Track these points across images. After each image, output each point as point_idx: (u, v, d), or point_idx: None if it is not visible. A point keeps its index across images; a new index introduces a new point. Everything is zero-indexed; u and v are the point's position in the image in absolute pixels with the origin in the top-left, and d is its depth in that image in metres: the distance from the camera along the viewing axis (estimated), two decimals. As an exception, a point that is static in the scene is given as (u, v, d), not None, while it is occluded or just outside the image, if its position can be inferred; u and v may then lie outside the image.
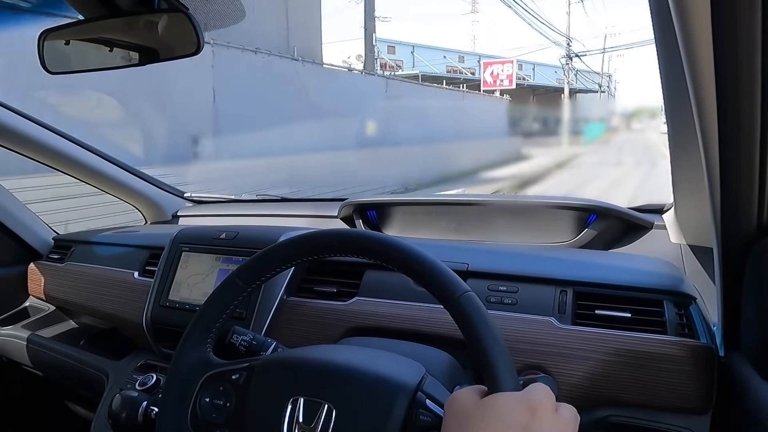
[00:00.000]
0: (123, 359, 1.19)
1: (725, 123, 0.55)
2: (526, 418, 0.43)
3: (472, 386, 0.49)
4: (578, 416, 0.47)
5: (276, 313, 0.96)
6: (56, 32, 0.83)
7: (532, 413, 0.43)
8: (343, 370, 0.60)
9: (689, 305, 0.81)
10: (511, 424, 0.43)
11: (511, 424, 0.43)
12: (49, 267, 1.40)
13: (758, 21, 0.46)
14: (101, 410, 1.08)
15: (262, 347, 0.71)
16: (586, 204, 1.16)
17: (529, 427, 0.42)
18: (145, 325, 1.07)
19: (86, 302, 1.26)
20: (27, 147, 1.35)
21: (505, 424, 0.43)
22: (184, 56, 0.79)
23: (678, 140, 0.88)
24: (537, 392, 0.45)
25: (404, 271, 0.57)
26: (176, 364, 0.64)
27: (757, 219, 0.62)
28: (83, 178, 1.52)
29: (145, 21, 0.78)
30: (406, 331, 0.87)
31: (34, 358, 1.33)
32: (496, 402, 0.45)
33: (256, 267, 0.64)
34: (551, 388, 0.48)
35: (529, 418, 0.43)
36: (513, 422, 0.43)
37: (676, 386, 0.73)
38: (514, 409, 0.44)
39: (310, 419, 0.57)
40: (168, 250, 1.12)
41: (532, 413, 0.43)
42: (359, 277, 0.98)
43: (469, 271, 0.91)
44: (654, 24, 0.68)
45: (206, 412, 0.62)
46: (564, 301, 0.84)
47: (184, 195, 1.79)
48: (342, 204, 1.37)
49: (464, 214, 1.29)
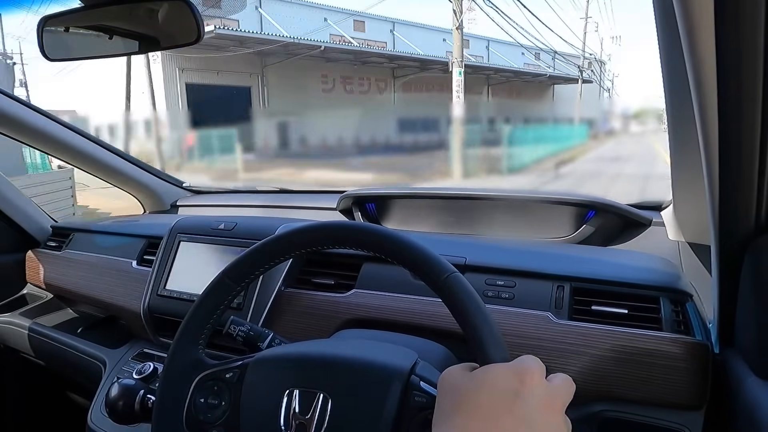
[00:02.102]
0: (120, 348, 1.19)
1: (725, 121, 0.55)
2: (515, 385, 0.44)
3: (462, 363, 0.50)
4: (572, 384, 0.48)
5: (274, 304, 0.96)
6: (56, 19, 0.83)
7: (521, 380, 0.44)
8: (337, 360, 0.60)
9: (686, 302, 0.81)
10: (501, 392, 0.43)
11: (501, 391, 0.44)
12: (47, 255, 1.40)
13: (761, 20, 0.46)
14: (98, 398, 1.09)
15: (260, 338, 0.71)
16: (585, 200, 1.16)
17: (519, 393, 0.43)
18: (143, 314, 1.07)
19: (84, 290, 1.26)
20: (27, 135, 1.35)
21: (496, 392, 0.44)
22: (185, 45, 0.78)
23: (678, 138, 0.88)
24: (526, 360, 0.46)
25: (393, 257, 0.57)
26: (169, 367, 0.64)
27: (755, 217, 0.62)
28: (83, 167, 1.52)
29: (146, 9, 0.78)
30: (403, 324, 0.88)
31: (32, 345, 1.34)
32: (486, 373, 0.46)
33: (244, 265, 0.64)
34: None
35: (519, 384, 0.44)
36: (503, 389, 0.44)
37: (670, 382, 0.73)
38: (504, 377, 0.45)
39: (306, 410, 0.57)
40: (166, 240, 1.12)
41: (521, 380, 0.44)
42: (357, 269, 0.98)
43: (466, 265, 0.91)
44: (657, 21, 0.68)
45: (201, 412, 0.62)
46: (561, 296, 0.84)
47: (183, 185, 1.79)
48: (341, 196, 1.37)
49: (463, 208, 1.29)
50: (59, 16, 0.82)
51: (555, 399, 0.45)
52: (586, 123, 13.84)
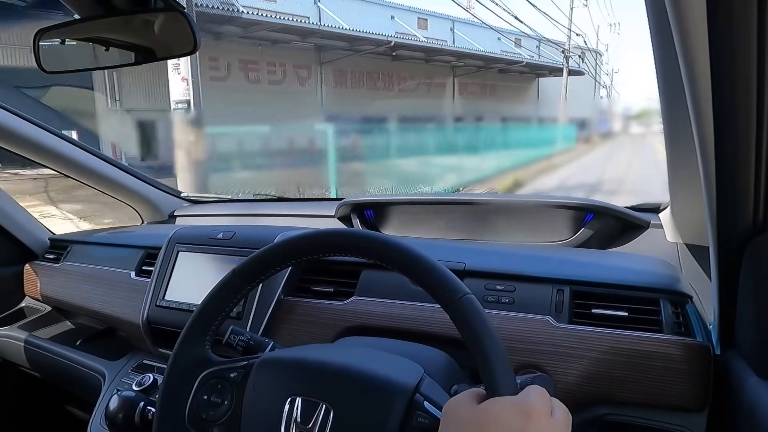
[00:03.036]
0: (119, 360, 1.19)
1: (721, 122, 0.55)
2: (521, 422, 0.44)
3: (469, 390, 0.50)
4: (570, 417, 0.48)
5: (273, 312, 0.96)
6: (52, 31, 0.83)
7: (528, 417, 0.44)
8: (342, 371, 0.60)
9: (685, 304, 0.81)
10: (507, 428, 0.44)
11: (507, 428, 0.44)
12: (46, 267, 1.39)
13: (754, 19, 0.47)
14: (98, 411, 1.08)
15: (260, 347, 0.71)
16: (583, 203, 1.16)
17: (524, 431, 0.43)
18: (142, 326, 1.07)
19: (82, 302, 1.26)
20: (24, 147, 1.35)
21: (501, 428, 0.44)
22: (181, 55, 0.79)
23: (674, 139, 0.88)
24: (533, 396, 0.46)
25: (402, 271, 0.57)
26: (175, 361, 0.64)
27: (753, 217, 0.62)
28: (80, 178, 1.51)
29: (142, 20, 0.78)
30: (402, 331, 0.87)
31: (31, 358, 1.33)
32: (493, 407, 0.46)
33: (255, 265, 0.64)
34: (548, 387, 0.49)
35: (525, 421, 0.44)
36: (508, 426, 0.44)
37: (672, 384, 0.73)
38: (510, 413, 0.45)
39: (307, 419, 0.57)
40: (165, 250, 1.12)
41: (528, 417, 0.44)
42: (356, 276, 0.98)
43: (466, 271, 0.91)
44: (650, 21, 0.68)
45: (204, 409, 0.62)
46: (561, 300, 0.84)
47: (181, 195, 1.78)
48: (339, 203, 1.37)
49: (461, 214, 1.29)
50: (55, 28, 0.82)
51: None
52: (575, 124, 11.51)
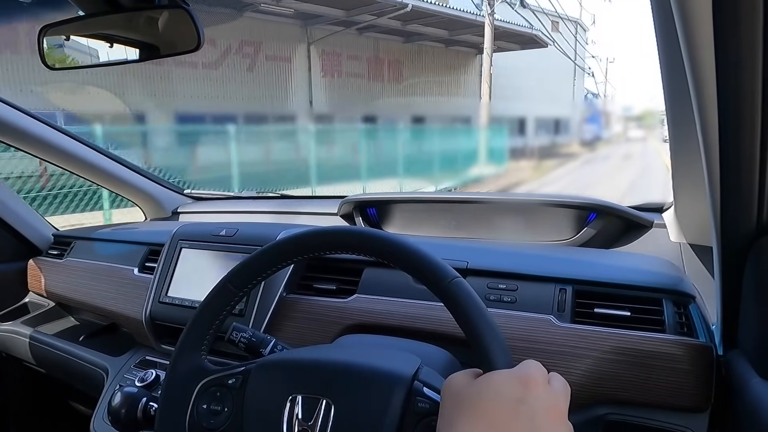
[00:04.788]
0: (122, 355, 1.19)
1: (726, 122, 0.55)
2: (520, 391, 0.44)
3: (466, 369, 0.50)
4: (569, 387, 0.48)
5: (275, 310, 0.96)
6: (56, 28, 0.83)
7: (526, 386, 0.44)
8: (340, 366, 0.60)
9: (688, 304, 0.81)
10: (506, 399, 0.44)
11: (506, 398, 0.44)
12: (49, 263, 1.40)
13: (760, 21, 0.46)
14: (101, 406, 1.08)
15: (262, 344, 0.71)
16: (586, 202, 1.16)
17: (523, 400, 0.44)
18: (145, 322, 1.07)
19: (86, 298, 1.26)
20: (28, 144, 1.35)
21: (500, 399, 0.44)
22: (185, 52, 0.78)
23: (678, 139, 0.88)
24: (529, 367, 0.47)
25: (395, 262, 0.57)
26: (172, 374, 0.64)
27: (757, 218, 0.62)
28: (83, 175, 1.52)
29: (146, 17, 0.78)
30: (404, 329, 0.87)
31: (34, 354, 1.34)
32: (490, 379, 0.46)
33: (246, 271, 0.64)
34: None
35: (523, 390, 0.44)
36: (507, 396, 0.44)
37: (674, 385, 0.73)
38: (509, 384, 0.45)
39: (309, 416, 0.57)
40: (168, 247, 1.12)
41: (526, 386, 0.44)
42: (359, 274, 0.98)
43: (468, 269, 0.91)
44: (655, 23, 0.68)
45: (204, 418, 0.62)
46: (563, 299, 0.84)
47: (184, 191, 1.79)
48: (342, 201, 1.37)
49: (464, 212, 1.29)
50: (59, 24, 0.82)
51: (558, 404, 0.46)
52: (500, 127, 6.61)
